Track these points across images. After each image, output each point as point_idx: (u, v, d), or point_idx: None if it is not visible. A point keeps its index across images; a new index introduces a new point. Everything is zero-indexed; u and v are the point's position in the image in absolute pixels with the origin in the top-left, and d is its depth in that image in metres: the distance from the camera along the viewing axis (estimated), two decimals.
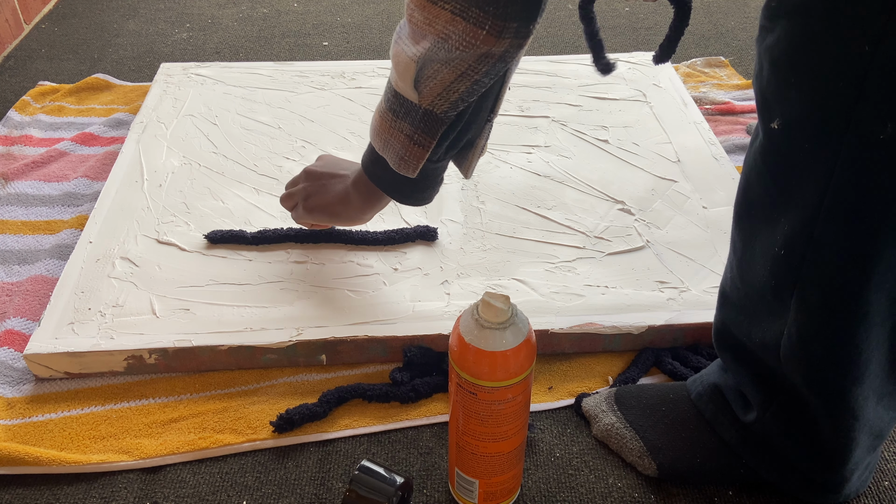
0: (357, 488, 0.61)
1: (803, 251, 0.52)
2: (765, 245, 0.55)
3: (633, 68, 1.20)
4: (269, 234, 0.87)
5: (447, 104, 0.63)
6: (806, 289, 0.53)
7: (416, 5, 0.60)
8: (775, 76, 0.50)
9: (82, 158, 1.06)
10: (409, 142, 0.66)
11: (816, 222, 0.51)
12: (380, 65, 1.21)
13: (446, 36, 0.59)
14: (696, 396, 0.67)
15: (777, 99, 0.51)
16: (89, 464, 0.68)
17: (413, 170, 0.68)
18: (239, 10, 1.52)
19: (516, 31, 0.58)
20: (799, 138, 0.50)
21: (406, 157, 0.67)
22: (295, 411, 0.71)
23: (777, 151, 0.52)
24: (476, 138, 0.70)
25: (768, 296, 0.56)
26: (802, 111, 0.49)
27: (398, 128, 0.66)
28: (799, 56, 0.48)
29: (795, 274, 0.53)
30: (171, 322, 0.77)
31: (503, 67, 0.62)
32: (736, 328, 0.62)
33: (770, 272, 0.55)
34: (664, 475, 0.67)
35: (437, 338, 0.76)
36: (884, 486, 0.67)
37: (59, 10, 1.50)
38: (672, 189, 0.96)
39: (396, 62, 0.64)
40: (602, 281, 0.83)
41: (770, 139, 0.53)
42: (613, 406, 0.71)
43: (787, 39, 0.49)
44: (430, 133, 0.65)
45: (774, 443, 0.62)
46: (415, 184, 0.71)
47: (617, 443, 0.69)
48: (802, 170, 0.51)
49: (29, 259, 0.90)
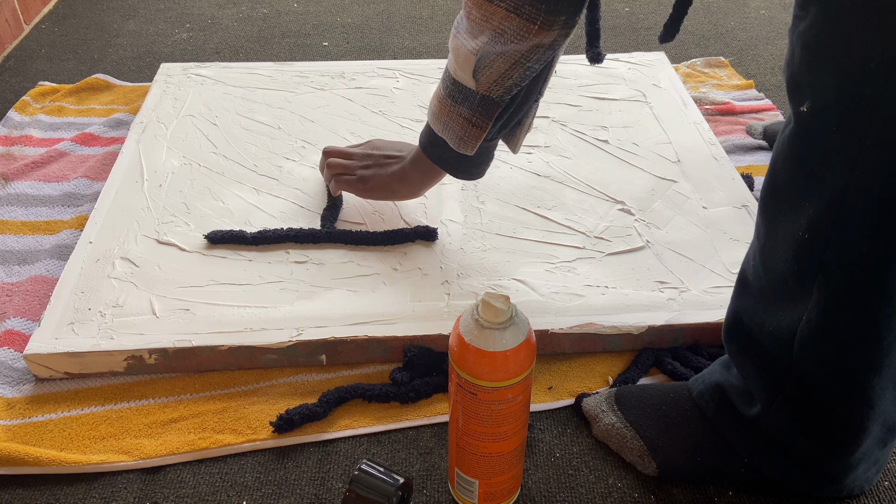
0: (357, 488, 0.61)
1: (828, 235, 0.53)
2: (789, 230, 0.56)
3: (633, 68, 1.20)
4: (269, 234, 0.87)
5: (502, 89, 0.71)
6: (829, 273, 0.54)
7: (473, 4, 0.67)
8: (806, 60, 0.52)
9: (82, 159, 1.06)
10: (468, 124, 0.73)
11: (842, 206, 0.51)
12: (380, 65, 1.21)
13: (502, 31, 0.66)
14: (697, 395, 0.67)
15: (808, 83, 0.52)
16: (89, 464, 0.68)
17: (472, 149, 0.75)
18: (239, 10, 1.52)
19: (564, 23, 0.66)
20: (828, 122, 0.51)
21: (465, 138, 0.74)
22: (295, 411, 0.71)
23: (805, 135, 0.54)
24: (524, 117, 0.77)
25: (790, 281, 0.57)
26: (832, 95, 0.50)
27: (457, 112, 0.74)
28: (830, 40, 0.50)
29: (819, 258, 0.54)
30: (171, 322, 0.77)
31: (552, 55, 0.70)
32: (749, 318, 0.62)
33: (793, 257, 0.56)
34: (664, 474, 0.67)
35: (437, 338, 0.76)
36: (884, 486, 0.67)
37: (59, 11, 1.50)
38: (672, 189, 0.96)
39: (456, 55, 0.71)
40: (602, 281, 0.83)
41: (799, 123, 0.54)
42: (614, 406, 0.71)
43: (819, 24, 0.50)
44: (487, 115, 0.73)
45: (778, 435, 0.62)
46: (471, 160, 0.79)
47: (617, 442, 0.69)
48: (830, 153, 0.52)
49: (29, 259, 0.90)
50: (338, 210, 0.92)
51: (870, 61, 0.47)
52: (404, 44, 1.39)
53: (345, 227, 0.90)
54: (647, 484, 0.67)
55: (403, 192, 0.86)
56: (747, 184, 0.97)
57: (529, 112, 0.77)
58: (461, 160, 0.79)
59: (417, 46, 1.38)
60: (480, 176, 0.82)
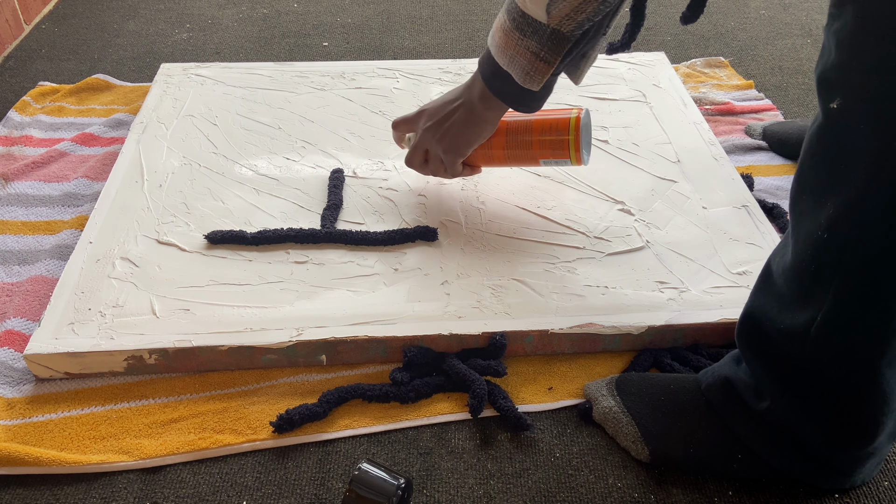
0: (357, 488, 0.61)
1: (847, 234, 0.54)
2: (809, 228, 0.57)
3: (633, 68, 1.20)
4: (269, 234, 0.87)
5: (574, 24, 0.68)
6: (847, 273, 0.55)
7: None
8: (839, 58, 0.52)
9: (82, 159, 1.06)
10: (536, 58, 0.71)
11: (863, 205, 0.52)
12: (380, 65, 1.22)
13: None
14: (706, 387, 0.68)
15: (839, 79, 0.53)
16: (89, 464, 0.68)
17: (538, 84, 0.73)
18: (239, 10, 1.52)
19: None
20: (856, 119, 0.52)
21: (531, 73, 0.73)
22: (295, 411, 0.71)
23: (833, 132, 0.54)
24: (590, 50, 0.76)
25: (807, 280, 0.57)
26: (862, 93, 0.51)
27: (525, 45, 0.71)
28: (863, 39, 0.50)
29: (837, 258, 0.55)
30: (171, 322, 0.77)
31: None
32: (764, 315, 0.63)
33: (811, 256, 0.57)
34: (656, 461, 0.68)
35: (437, 338, 0.76)
36: (884, 486, 0.67)
37: (59, 11, 1.50)
38: (672, 189, 0.96)
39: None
40: (602, 281, 0.83)
41: (828, 119, 0.54)
42: (613, 391, 0.72)
43: (854, 23, 0.51)
44: (556, 51, 0.70)
45: (788, 429, 0.63)
46: (533, 95, 0.77)
47: (613, 427, 0.70)
48: (856, 151, 0.52)
49: (29, 259, 0.90)
50: (338, 210, 0.92)
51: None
52: (404, 44, 1.39)
53: (345, 227, 0.90)
54: (647, 484, 0.67)
55: (481, 133, 0.83)
56: (747, 184, 0.97)
57: (596, 45, 0.75)
58: (524, 94, 0.77)
59: (417, 46, 1.38)
60: (539, 108, 0.80)
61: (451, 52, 1.36)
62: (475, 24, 1.46)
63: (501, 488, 0.67)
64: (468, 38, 1.41)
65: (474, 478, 0.68)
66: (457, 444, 0.71)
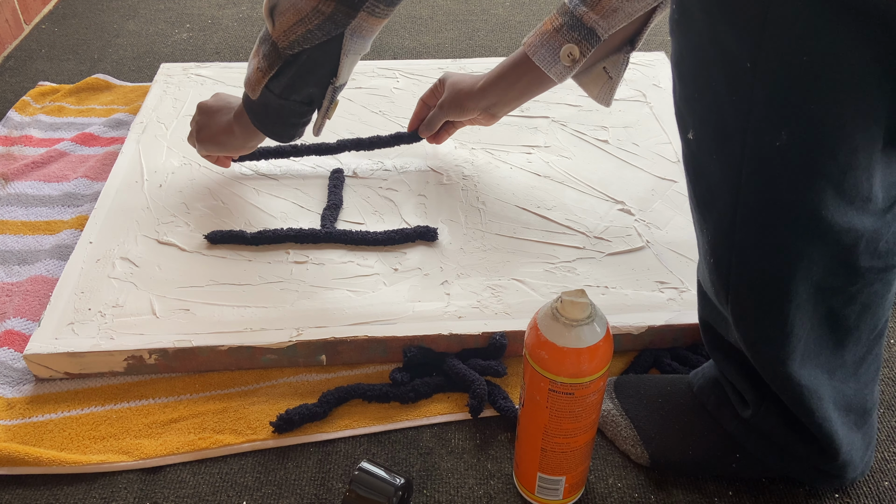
0: (357, 488, 0.61)
1: (728, 258, 0.54)
2: (702, 254, 0.58)
3: (633, 68, 1.20)
4: (269, 234, 0.87)
5: (287, 42, 0.72)
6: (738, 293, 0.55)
7: None
8: (682, 89, 0.52)
9: (82, 159, 1.06)
10: (257, 66, 0.75)
11: (735, 229, 0.52)
12: (380, 65, 1.21)
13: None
14: (698, 390, 0.68)
15: (687, 111, 0.52)
16: (89, 464, 0.68)
17: (254, 92, 0.76)
18: (239, 10, 1.52)
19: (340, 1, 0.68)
20: (708, 149, 0.51)
21: (251, 79, 0.76)
22: (295, 411, 0.71)
23: (694, 163, 0.54)
24: (319, 98, 0.77)
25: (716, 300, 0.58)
26: (707, 122, 0.51)
27: (257, 52, 0.75)
28: (695, 70, 0.50)
29: (726, 281, 0.55)
30: (171, 322, 0.77)
31: (334, 29, 0.70)
32: (717, 326, 0.63)
33: (710, 280, 0.57)
34: (656, 465, 0.67)
35: (437, 338, 0.76)
36: (884, 486, 0.67)
37: (59, 11, 1.50)
38: (672, 189, 0.96)
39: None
40: (602, 281, 0.83)
41: (688, 149, 0.54)
42: (612, 393, 0.71)
43: (682, 54, 0.50)
44: (271, 64, 0.73)
45: (773, 436, 0.63)
46: (266, 113, 0.77)
47: (612, 430, 0.70)
48: (715, 179, 0.52)
49: (29, 259, 0.90)
50: (338, 210, 0.92)
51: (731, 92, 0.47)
52: (404, 44, 1.39)
53: (345, 227, 0.90)
54: (647, 484, 0.67)
55: (230, 143, 0.85)
56: None
57: (325, 94, 0.76)
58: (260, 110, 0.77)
59: (417, 46, 1.38)
60: (284, 139, 0.80)
61: (451, 52, 1.36)
62: (475, 24, 1.46)
63: (501, 488, 0.67)
64: (468, 38, 1.41)
65: (474, 478, 0.68)
66: (457, 444, 0.71)
